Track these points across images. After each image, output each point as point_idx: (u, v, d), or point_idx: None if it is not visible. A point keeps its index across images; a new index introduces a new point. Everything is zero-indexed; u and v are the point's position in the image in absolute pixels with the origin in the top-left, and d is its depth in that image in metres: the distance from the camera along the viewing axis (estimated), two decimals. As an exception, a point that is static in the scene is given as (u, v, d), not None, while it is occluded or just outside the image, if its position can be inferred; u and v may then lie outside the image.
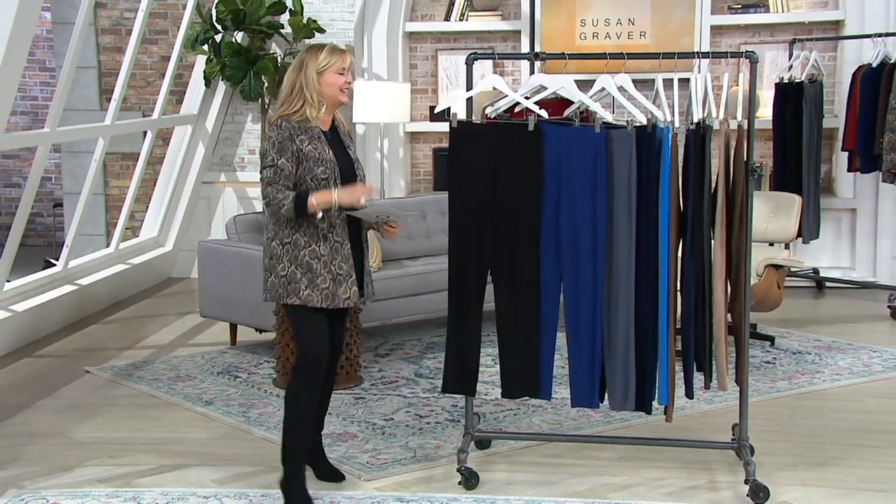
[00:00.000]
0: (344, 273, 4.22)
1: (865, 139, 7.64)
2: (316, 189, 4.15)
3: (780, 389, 5.79)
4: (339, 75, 4.25)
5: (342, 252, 4.22)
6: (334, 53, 4.26)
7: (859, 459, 4.78)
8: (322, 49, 4.27)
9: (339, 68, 4.25)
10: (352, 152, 4.36)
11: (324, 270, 4.19)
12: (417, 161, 8.87)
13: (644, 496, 4.38)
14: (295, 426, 4.29)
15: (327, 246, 4.19)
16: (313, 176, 4.16)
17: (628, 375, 4.33)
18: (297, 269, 4.19)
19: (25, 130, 11.22)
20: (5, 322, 6.65)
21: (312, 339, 4.24)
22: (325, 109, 4.27)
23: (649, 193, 4.25)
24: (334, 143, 4.30)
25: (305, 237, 4.19)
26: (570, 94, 4.45)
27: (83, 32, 7.05)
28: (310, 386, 4.27)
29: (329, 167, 4.19)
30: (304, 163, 4.16)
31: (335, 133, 4.34)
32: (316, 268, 4.18)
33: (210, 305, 6.70)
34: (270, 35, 8.48)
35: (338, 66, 4.25)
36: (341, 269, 4.22)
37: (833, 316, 7.53)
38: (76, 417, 5.43)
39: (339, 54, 4.27)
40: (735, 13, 8.32)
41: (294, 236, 4.20)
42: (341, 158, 4.27)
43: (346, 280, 4.22)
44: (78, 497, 4.39)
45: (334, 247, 4.21)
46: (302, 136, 4.18)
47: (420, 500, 4.33)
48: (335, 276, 4.21)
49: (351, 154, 4.35)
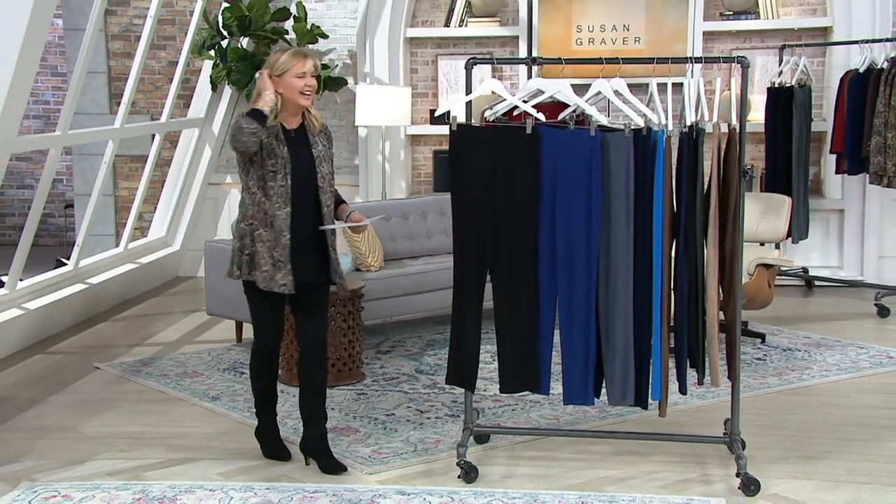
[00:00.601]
0: (283, 260, 4.34)
1: (853, 142, 7.65)
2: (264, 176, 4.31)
3: (771, 385, 5.78)
4: (299, 79, 4.33)
5: (281, 242, 4.34)
6: (295, 57, 4.34)
7: (847, 452, 4.78)
8: (284, 53, 4.36)
9: (299, 72, 4.33)
10: (318, 152, 4.42)
11: (267, 255, 4.35)
12: (418, 163, 8.85)
13: (639, 489, 4.37)
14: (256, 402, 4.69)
15: (272, 233, 4.34)
16: (264, 166, 4.32)
17: (627, 372, 4.32)
18: (255, 249, 4.37)
19: (38, 133, 11.20)
20: (18, 319, 6.64)
21: (258, 322, 4.55)
22: (285, 111, 4.38)
23: (644, 194, 4.24)
24: (297, 141, 4.39)
25: (259, 221, 4.36)
26: (566, 97, 4.44)
27: (94, 38, 7.05)
28: (256, 365, 4.62)
29: (280, 163, 4.33)
30: (262, 149, 4.31)
31: (301, 132, 4.42)
32: (261, 251, 4.36)
33: (216, 304, 6.70)
34: (275, 40, 8.47)
35: (297, 69, 4.33)
36: (281, 256, 4.35)
37: (822, 314, 7.52)
38: (87, 412, 5.43)
39: (299, 58, 4.34)
40: (727, 20, 8.31)
41: (254, 220, 4.37)
42: (299, 158, 4.37)
43: (284, 268, 4.34)
44: (88, 489, 4.38)
45: (276, 236, 4.34)
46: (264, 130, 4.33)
47: (420, 493, 4.32)
48: (276, 261, 4.35)
49: (315, 153, 4.41)
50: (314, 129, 4.46)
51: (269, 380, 4.67)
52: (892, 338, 6.82)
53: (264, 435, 4.73)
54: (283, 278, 4.34)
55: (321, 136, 4.48)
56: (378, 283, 6.50)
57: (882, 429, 5.10)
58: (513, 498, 4.26)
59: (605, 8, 8.32)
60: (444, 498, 4.27)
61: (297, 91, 4.34)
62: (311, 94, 4.40)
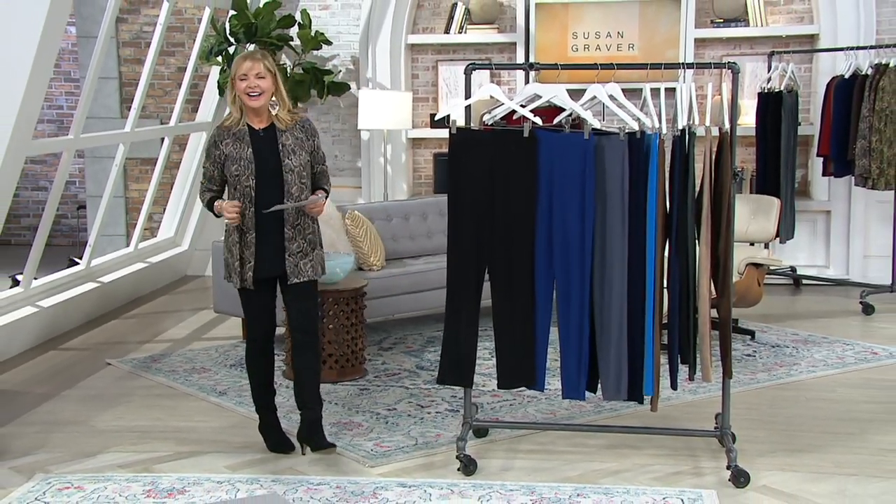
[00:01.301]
0: (246, 257, 4.47)
1: (839, 145, 7.64)
2: (233, 184, 4.43)
3: (760, 381, 5.77)
4: (241, 81, 4.39)
5: (245, 240, 4.46)
6: (238, 60, 4.44)
7: (833, 445, 4.77)
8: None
9: (240, 74, 4.39)
10: (284, 146, 4.44)
11: (238, 255, 4.48)
12: (419, 165, 8.84)
13: (632, 481, 4.36)
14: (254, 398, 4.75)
15: (238, 234, 4.47)
16: (230, 173, 4.43)
17: (621, 367, 4.31)
18: (229, 255, 4.52)
19: (51, 137, 11.19)
20: (32, 317, 6.64)
21: (248, 318, 4.66)
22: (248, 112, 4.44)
23: (638, 196, 4.23)
24: (263, 141, 4.44)
25: (232, 227, 4.49)
26: (562, 102, 4.43)
27: (105, 45, 7.03)
28: (249, 362, 4.69)
29: (242, 165, 4.40)
30: (226, 163, 4.44)
31: (270, 129, 4.47)
32: (235, 252, 4.48)
33: (223, 302, 6.68)
34: (280, 47, 8.45)
35: (239, 72, 4.39)
36: (244, 253, 4.47)
37: (809, 311, 7.51)
38: (98, 407, 5.42)
39: (240, 61, 4.42)
40: (717, 27, 8.30)
41: (229, 227, 4.50)
42: (263, 156, 4.42)
43: (246, 264, 4.47)
44: (100, 481, 4.37)
45: (242, 235, 4.47)
46: (227, 140, 4.44)
47: (421, 485, 4.31)
48: (242, 259, 4.48)
49: (281, 147, 4.44)
50: (283, 124, 4.47)
51: (264, 376, 4.69)
52: (877, 334, 6.81)
53: (266, 429, 4.74)
54: (244, 274, 4.47)
55: (295, 130, 4.49)
56: (380, 281, 6.49)
57: (867, 422, 5.09)
58: (511, 490, 4.25)
59: (600, 15, 8.31)
60: (444, 490, 4.26)
61: (242, 92, 4.39)
62: (257, 96, 4.39)
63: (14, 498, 4.22)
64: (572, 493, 4.21)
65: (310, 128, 4.57)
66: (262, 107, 4.44)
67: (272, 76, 4.42)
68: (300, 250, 4.51)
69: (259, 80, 4.38)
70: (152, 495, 4.23)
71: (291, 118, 4.51)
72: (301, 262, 4.52)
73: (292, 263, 4.50)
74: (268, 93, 4.42)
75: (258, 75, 4.38)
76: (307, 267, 4.53)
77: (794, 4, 8.33)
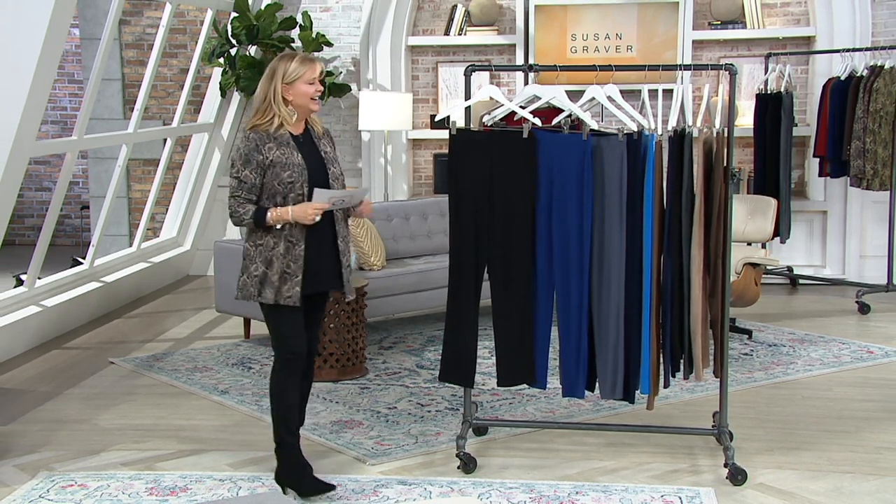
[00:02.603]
0: (291, 272, 4.08)
1: (835, 146, 7.65)
2: (283, 192, 4.05)
3: (758, 379, 5.77)
4: (310, 85, 4.09)
5: (293, 252, 4.08)
6: (304, 63, 4.09)
7: (829, 443, 4.77)
8: (292, 59, 4.10)
9: (310, 78, 4.09)
10: (326, 154, 4.21)
11: (277, 269, 4.08)
12: (419, 166, 8.84)
13: (630, 479, 4.36)
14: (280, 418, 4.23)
15: (283, 245, 4.08)
16: (280, 181, 4.05)
17: (617, 367, 4.31)
18: (267, 269, 4.09)
19: (55, 138, 11.19)
20: (36, 316, 6.63)
21: (284, 336, 4.15)
22: (296, 118, 4.14)
23: (636, 195, 4.23)
24: (306, 146, 4.16)
25: (273, 238, 4.09)
26: (561, 103, 4.42)
27: (109, 47, 7.03)
28: (287, 378, 4.18)
29: (296, 171, 4.07)
30: (271, 169, 4.05)
31: (307, 136, 4.20)
32: (275, 265, 4.09)
33: (225, 301, 6.68)
34: (282, 48, 8.44)
35: (308, 76, 4.09)
36: (289, 267, 4.08)
37: (806, 311, 7.51)
38: (101, 405, 5.42)
39: (308, 64, 4.10)
40: (715, 29, 8.30)
41: (265, 238, 4.11)
42: (311, 161, 4.14)
43: (292, 279, 4.08)
44: (103, 479, 4.37)
45: (288, 247, 4.08)
46: (270, 144, 4.07)
47: (422, 483, 4.31)
48: (282, 273, 4.08)
49: (324, 155, 4.20)
50: (318, 132, 4.26)
51: (298, 398, 4.29)
52: (873, 334, 6.81)
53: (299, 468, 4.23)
54: (288, 290, 4.08)
55: (325, 139, 4.28)
56: (380, 281, 6.48)
57: (863, 420, 5.09)
58: (510, 488, 4.25)
59: (599, 17, 8.31)
60: (444, 488, 4.26)
61: (308, 98, 4.10)
62: (320, 100, 4.22)
63: (18, 495, 4.22)
64: (571, 491, 4.21)
65: (332, 138, 4.36)
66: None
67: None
68: (348, 264, 4.27)
69: (320, 84, 4.17)
70: (155, 493, 4.22)
71: (322, 126, 4.30)
72: (350, 277, 4.30)
73: (346, 278, 4.24)
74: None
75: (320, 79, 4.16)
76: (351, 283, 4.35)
77: (791, 7, 8.33)
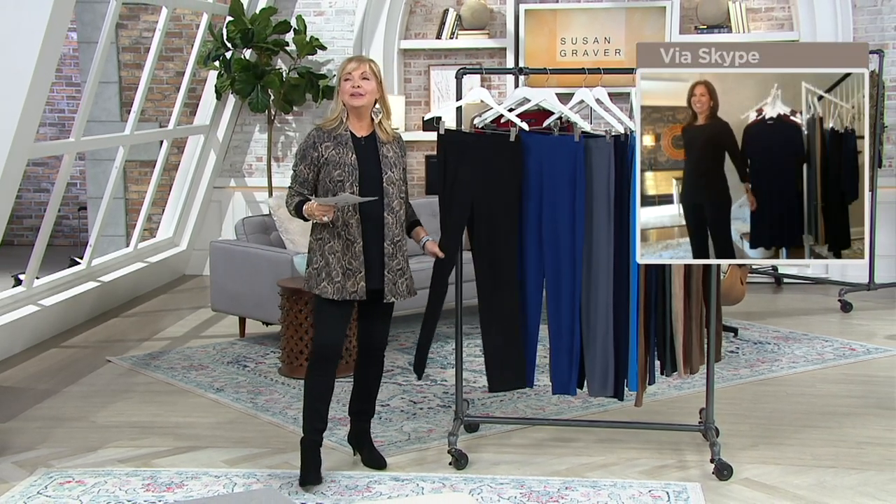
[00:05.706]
0: (354, 268, 4.15)
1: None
2: (333, 189, 4.13)
3: (743, 376, 5.78)
4: (346, 81, 4.17)
5: (353, 249, 4.16)
6: (348, 62, 4.21)
7: (813, 439, 4.78)
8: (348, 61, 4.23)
9: (345, 75, 4.18)
10: (386, 158, 4.20)
11: (337, 265, 4.15)
12: (411, 167, 8.82)
13: (619, 475, 4.36)
14: (307, 412, 4.27)
15: (340, 243, 4.16)
16: (331, 178, 4.15)
17: (607, 365, 4.31)
18: (324, 263, 4.18)
19: (53, 140, 11.15)
20: (35, 316, 6.61)
21: (324, 330, 4.22)
22: (349, 115, 4.21)
23: (624, 195, 4.23)
24: (366, 148, 4.19)
25: (328, 234, 4.18)
26: (551, 105, 4.43)
27: (106, 50, 7.02)
28: (320, 374, 4.23)
29: (346, 171, 4.14)
30: (325, 167, 4.15)
31: (371, 139, 4.22)
32: (332, 262, 4.16)
33: (221, 300, 6.67)
34: (276, 52, 8.44)
35: (343, 73, 4.19)
36: (351, 264, 4.16)
37: (790, 309, 7.53)
38: (99, 403, 5.40)
39: (347, 62, 4.21)
40: (701, 33, 8.31)
41: (323, 233, 4.20)
42: (367, 163, 4.17)
43: (356, 275, 4.15)
44: (101, 476, 4.36)
45: (346, 244, 4.16)
46: (327, 143, 4.17)
47: (414, 479, 4.31)
48: (345, 270, 4.16)
49: (382, 157, 4.20)
50: (385, 136, 4.24)
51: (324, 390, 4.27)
52: (855, 331, 6.82)
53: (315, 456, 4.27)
54: (353, 286, 4.14)
55: (393, 144, 4.25)
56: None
57: (845, 416, 5.10)
58: (501, 484, 4.25)
59: (588, 22, 8.32)
60: (436, 484, 4.25)
61: (347, 94, 4.15)
62: (361, 96, 4.16)
63: (17, 492, 4.21)
64: (560, 487, 4.21)
65: (403, 145, 4.34)
66: (365, 109, 4.20)
67: (377, 81, 4.20)
68: (399, 267, 4.25)
69: (363, 80, 4.16)
70: (151, 489, 4.21)
71: (392, 132, 4.29)
72: (399, 280, 4.26)
73: (391, 281, 4.22)
74: (371, 95, 4.18)
75: (363, 76, 4.16)
76: (404, 286, 4.28)
77: (775, 11, 8.35)
